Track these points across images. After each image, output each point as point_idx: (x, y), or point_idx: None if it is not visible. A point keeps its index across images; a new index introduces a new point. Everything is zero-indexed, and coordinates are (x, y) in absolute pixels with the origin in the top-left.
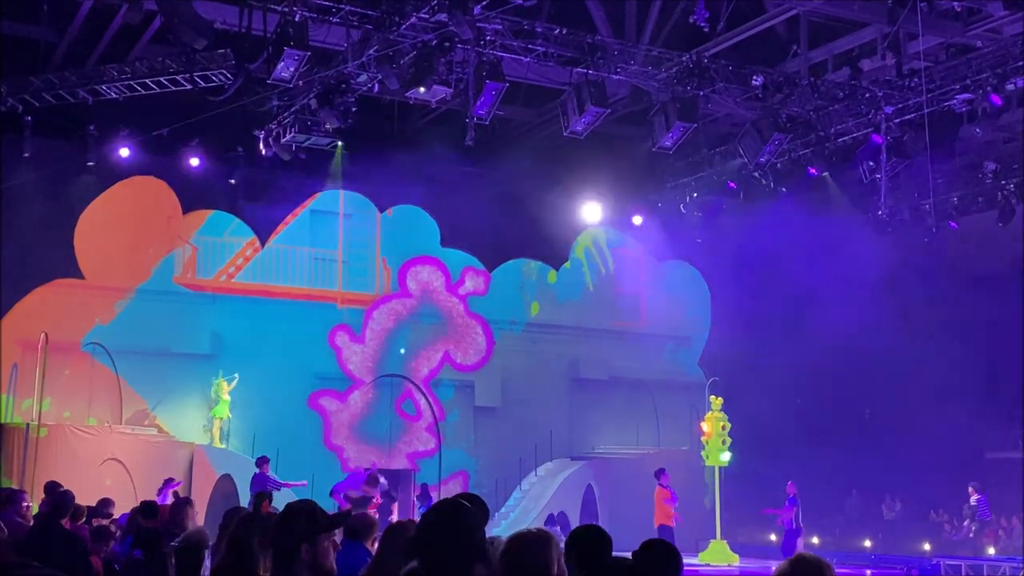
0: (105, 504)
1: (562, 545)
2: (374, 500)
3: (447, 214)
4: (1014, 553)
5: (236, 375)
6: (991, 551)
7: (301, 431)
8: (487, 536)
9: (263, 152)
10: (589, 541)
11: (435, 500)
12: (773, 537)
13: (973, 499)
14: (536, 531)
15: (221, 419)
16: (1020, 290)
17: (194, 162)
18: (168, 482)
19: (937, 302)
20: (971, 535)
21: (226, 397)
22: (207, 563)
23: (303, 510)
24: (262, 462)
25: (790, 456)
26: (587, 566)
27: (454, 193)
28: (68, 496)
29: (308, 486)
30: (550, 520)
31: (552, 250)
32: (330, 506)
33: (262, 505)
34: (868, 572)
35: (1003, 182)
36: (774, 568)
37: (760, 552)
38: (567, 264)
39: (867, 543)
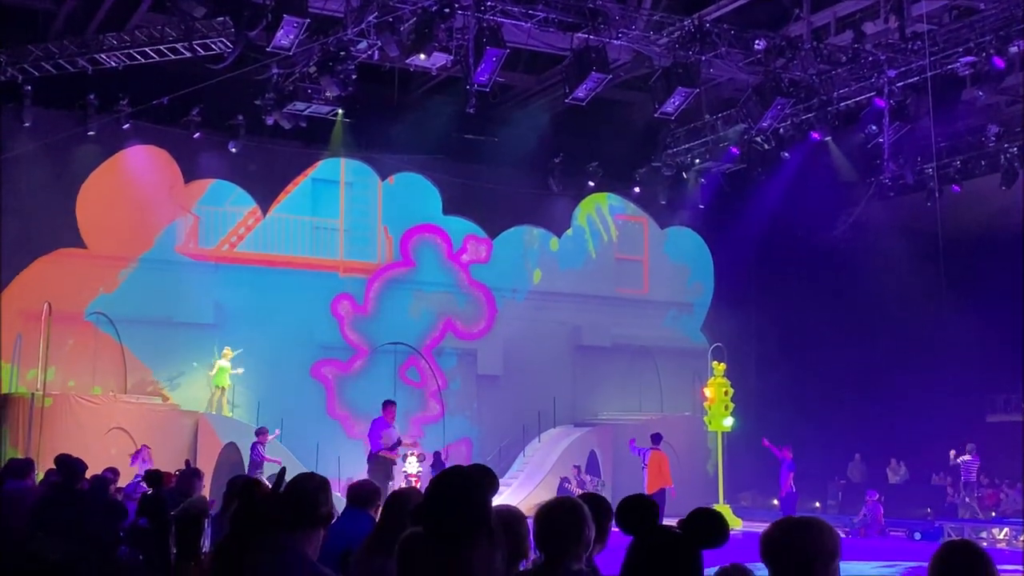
0: (110, 473)
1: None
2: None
3: (448, 182)
4: (1014, 516)
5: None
6: (992, 515)
7: (304, 400)
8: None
9: (264, 120)
10: (639, 508)
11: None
12: (775, 501)
13: (960, 459)
14: (568, 500)
15: (222, 388)
16: (1021, 254)
17: (195, 131)
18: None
19: (938, 266)
20: (966, 499)
21: (224, 364)
22: (208, 531)
23: (326, 480)
24: (260, 433)
25: (792, 421)
26: (637, 531)
27: (455, 161)
28: (80, 463)
29: (313, 453)
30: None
31: (554, 217)
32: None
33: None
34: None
35: (1006, 145)
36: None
37: (763, 516)
38: (569, 231)
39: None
